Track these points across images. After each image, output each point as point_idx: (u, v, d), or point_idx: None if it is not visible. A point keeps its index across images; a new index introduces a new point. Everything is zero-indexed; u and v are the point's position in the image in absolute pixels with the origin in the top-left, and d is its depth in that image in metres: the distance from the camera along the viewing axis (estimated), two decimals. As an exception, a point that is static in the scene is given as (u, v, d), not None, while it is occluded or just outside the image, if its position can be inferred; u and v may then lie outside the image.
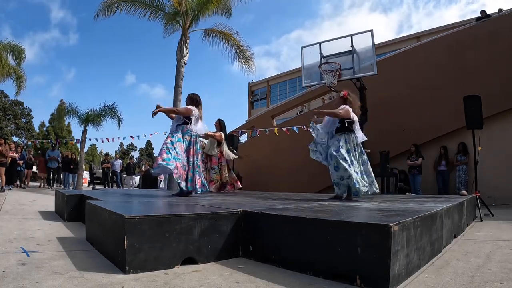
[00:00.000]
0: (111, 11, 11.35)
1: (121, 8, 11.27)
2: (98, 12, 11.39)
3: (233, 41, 11.80)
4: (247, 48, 12.01)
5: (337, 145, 3.73)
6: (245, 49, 11.94)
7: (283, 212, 2.15)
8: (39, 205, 5.18)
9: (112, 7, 11.29)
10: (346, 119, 3.76)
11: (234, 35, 11.80)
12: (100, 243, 2.16)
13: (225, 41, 11.80)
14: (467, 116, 5.41)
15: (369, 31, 6.86)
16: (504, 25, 7.35)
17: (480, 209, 4.57)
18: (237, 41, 11.81)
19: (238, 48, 11.86)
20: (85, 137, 12.54)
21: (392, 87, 8.14)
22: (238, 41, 11.82)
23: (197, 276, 1.66)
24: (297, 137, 8.96)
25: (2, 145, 8.64)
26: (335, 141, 3.80)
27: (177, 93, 11.44)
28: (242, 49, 11.89)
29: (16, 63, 12.81)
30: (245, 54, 11.94)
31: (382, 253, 1.48)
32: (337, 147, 3.72)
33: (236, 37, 11.81)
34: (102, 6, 11.29)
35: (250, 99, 27.11)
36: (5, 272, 1.60)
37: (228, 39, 11.76)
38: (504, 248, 2.47)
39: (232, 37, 11.77)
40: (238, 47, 11.84)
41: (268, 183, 9.03)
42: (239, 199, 3.75)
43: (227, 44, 11.82)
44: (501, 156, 7.06)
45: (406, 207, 2.57)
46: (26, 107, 35.42)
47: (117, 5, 11.23)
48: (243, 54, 11.91)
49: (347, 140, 3.77)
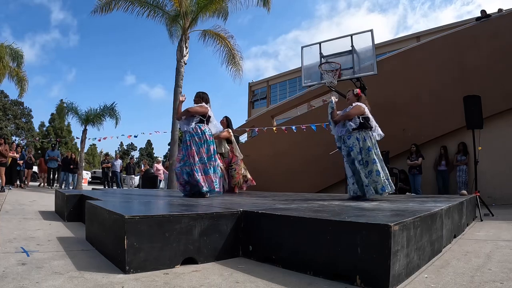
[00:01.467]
0: (108, 9, 11.33)
1: (118, 6, 11.24)
2: (95, 9, 11.39)
3: (227, 44, 11.94)
4: (237, 52, 12.18)
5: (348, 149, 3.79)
6: (236, 52, 12.11)
7: (283, 212, 2.15)
8: (39, 205, 5.18)
9: (110, 4, 11.27)
10: (360, 115, 3.77)
11: (229, 38, 11.97)
12: (100, 243, 2.16)
13: (219, 43, 11.94)
14: (467, 116, 5.41)
15: (369, 31, 6.86)
16: (504, 25, 7.35)
17: (480, 209, 4.57)
18: (230, 44, 11.97)
19: (230, 51, 12.00)
20: (85, 137, 12.55)
21: (392, 87, 8.14)
22: (231, 45, 11.98)
23: (197, 276, 1.66)
24: (297, 137, 8.96)
25: (2, 145, 8.64)
26: (349, 142, 3.81)
27: (177, 93, 11.43)
28: (233, 53, 12.04)
29: (16, 65, 12.85)
30: (235, 58, 12.10)
31: (382, 253, 1.48)
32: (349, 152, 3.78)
33: (230, 41, 11.98)
34: (99, 3, 11.28)
35: (250, 99, 27.11)
36: (5, 272, 1.60)
37: (222, 41, 11.91)
38: (504, 248, 2.47)
39: (226, 40, 11.91)
40: (230, 50, 11.99)
41: (268, 183, 9.02)
42: (239, 199, 3.75)
43: (220, 46, 11.97)
44: (501, 156, 7.05)
45: (406, 207, 2.57)
46: (26, 107, 35.51)
47: (115, 3, 11.20)
48: (233, 58, 12.07)
49: (359, 139, 3.76)
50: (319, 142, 8.54)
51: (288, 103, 10.90)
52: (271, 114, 10.75)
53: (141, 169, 15.18)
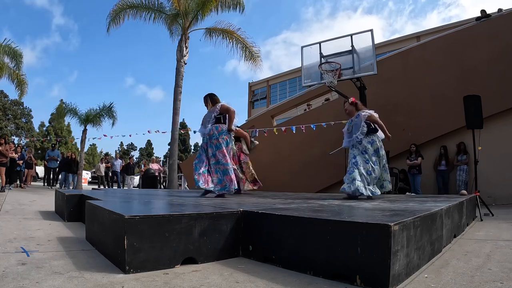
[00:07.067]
0: (120, 20, 11.39)
1: (128, 14, 11.30)
2: (109, 25, 11.46)
3: (237, 38, 11.47)
4: (252, 45, 11.68)
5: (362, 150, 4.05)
6: (251, 45, 11.63)
7: (283, 212, 2.14)
8: (39, 205, 5.18)
9: (120, 15, 11.33)
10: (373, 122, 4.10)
11: (237, 31, 11.50)
12: (100, 243, 2.16)
13: (229, 39, 11.48)
14: (467, 116, 5.41)
15: (369, 31, 6.85)
16: (504, 25, 7.35)
17: (480, 209, 4.57)
18: (242, 38, 11.48)
19: (243, 45, 11.51)
20: (85, 137, 12.56)
21: (392, 87, 8.14)
22: (242, 38, 11.49)
23: (197, 276, 1.66)
24: (297, 137, 8.95)
25: (3, 145, 8.63)
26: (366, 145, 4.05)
27: (177, 93, 11.44)
28: (248, 46, 11.54)
29: (15, 66, 12.86)
30: (251, 51, 11.61)
31: (382, 253, 1.48)
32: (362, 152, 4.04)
33: (240, 34, 11.49)
34: (111, 17, 11.34)
35: (250, 99, 27.11)
36: (5, 272, 1.60)
37: (232, 36, 11.45)
38: (504, 248, 2.47)
39: (235, 34, 11.45)
40: (243, 44, 11.49)
41: (268, 183, 9.01)
42: (239, 199, 3.75)
43: (232, 42, 11.49)
44: (501, 156, 7.05)
45: (406, 207, 2.57)
46: (26, 107, 35.50)
47: (123, 13, 11.27)
48: (249, 51, 11.58)
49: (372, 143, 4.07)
50: (319, 142, 8.55)
51: (288, 103, 10.90)
52: (271, 114, 10.75)
53: (141, 169, 15.19)
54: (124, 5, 11.19)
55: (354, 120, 4.14)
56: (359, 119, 4.06)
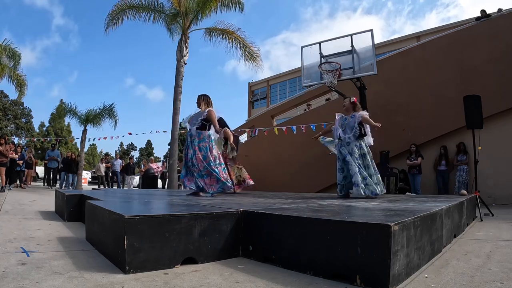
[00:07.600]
0: (119, 21, 11.36)
1: (127, 15, 11.29)
2: (107, 25, 11.42)
3: (237, 38, 11.56)
4: (252, 45, 11.77)
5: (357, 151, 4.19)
6: (250, 45, 11.71)
7: (283, 212, 2.14)
8: (39, 205, 5.18)
9: (119, 16, 11.31)
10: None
11: (237, 32, 11.58)
12: (100, 243, 2.16)
13: (229, 39, 11.57)
14: (467, 116, 5.41)
15: (369, 31, 6.85)
16: (504, 25, 7.35)
17: (480, 209, 4.57)
18: (241, 38, 11.59)
19: (243, 46, 11.61)
20: (85, 137, 12.56)
21: (392, 87, 8.14)
22: (242, 38, 11.60)
23: (197, 276, 1.66)
24: (297, 137, 8.95)
25: (3, 145, 8.63)
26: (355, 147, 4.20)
27: (177, 93, 11.44)
28: (247, 46, 11.64)
29: (12, 66, 12.88)
30: (251, 51, 11.72)
31: (382, 253, 1.48)
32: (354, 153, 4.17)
33: (240, 34, 11.58)
34: (109, 18, 11.31)
35: (250, 99, 27.10)
36: (5, 272, 1.60)
37: (231, 37, 11.53)
38: (504, 248, 2.48)
39: (235, 34, 11.52)
40: (243, 44, 11.59)
41: (268, 183, 9.02)
42: (239, 199, 3.75)
43: (231, 42, 11.58)
44: (501, 156, 7.05)
45: (406, 207, 2.57)
46: (26, 107, 35.51)
47: (123, 14, 11.26)
48: (249, 51, 11.69)
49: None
50: (319, 143, 8.53)
51: (288, 103, 10.90)
52: (271, 114, 10.75)
53: (141, 169, 15.18)
54: (123, 6, 11.18)
55: (348, 119, 4.29)
56: (353, 120, 4.22)
